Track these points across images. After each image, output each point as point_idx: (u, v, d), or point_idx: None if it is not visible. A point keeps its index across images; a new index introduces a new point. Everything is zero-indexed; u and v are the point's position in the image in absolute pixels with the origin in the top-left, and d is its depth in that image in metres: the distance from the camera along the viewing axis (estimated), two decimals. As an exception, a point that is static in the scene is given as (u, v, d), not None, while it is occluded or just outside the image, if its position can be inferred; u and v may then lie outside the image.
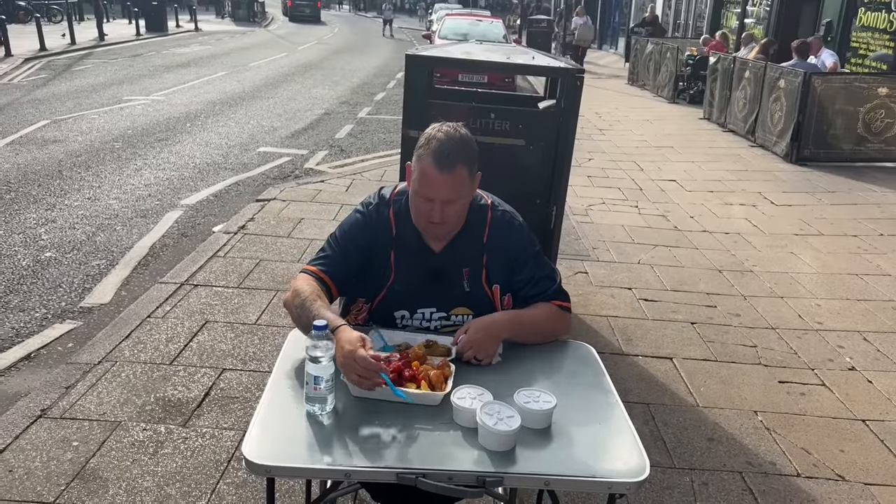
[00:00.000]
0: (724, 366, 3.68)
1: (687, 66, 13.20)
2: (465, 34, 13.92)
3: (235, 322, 3.86)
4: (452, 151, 1.84)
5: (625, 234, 5.67)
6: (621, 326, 4.06)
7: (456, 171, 1.84)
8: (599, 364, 1.98)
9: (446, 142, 1.85)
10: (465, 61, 3.66)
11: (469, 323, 1.93)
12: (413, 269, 1.97)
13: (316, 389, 1.63)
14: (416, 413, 1.66)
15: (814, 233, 5.92)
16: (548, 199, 3.65)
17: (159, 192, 6.50)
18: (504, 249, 2.01)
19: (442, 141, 1.85)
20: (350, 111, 11.33)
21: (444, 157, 1.83)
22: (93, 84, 12.71)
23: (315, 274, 1.95)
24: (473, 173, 1.91)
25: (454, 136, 1.87)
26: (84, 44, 18.91)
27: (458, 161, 1.84)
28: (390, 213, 1.99)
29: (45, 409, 2.97)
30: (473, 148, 1.91)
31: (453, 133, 1.88)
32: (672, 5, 20.68)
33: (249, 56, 19.00)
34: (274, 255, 4.84)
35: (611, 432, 1.70)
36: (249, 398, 3.14)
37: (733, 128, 10.16)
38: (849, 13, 11.43)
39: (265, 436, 1.59)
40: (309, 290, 1.88)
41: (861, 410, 3.33)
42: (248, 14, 35.35)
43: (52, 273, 4.63)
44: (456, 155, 1.84)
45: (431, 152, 1.84)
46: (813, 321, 4.25)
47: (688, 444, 3.01)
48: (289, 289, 1.96)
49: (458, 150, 1.85)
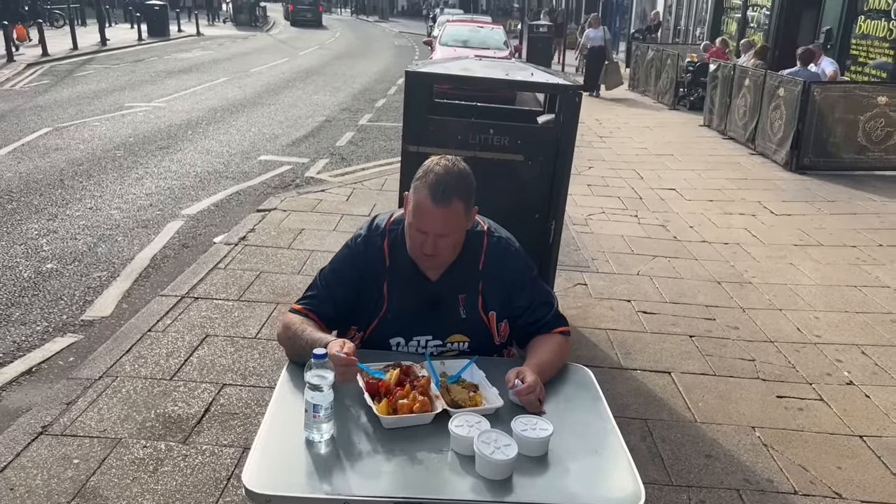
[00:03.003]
0: (723, 380, 3.70)
1: (687, 72, 13.23)
2: (465, 40, 13.96)
3: (236, 336, 3.88)
4: (449, 186, 1.85)
5: (624, 245, 5.69)
6: (620, 340, 4.07)
7: (452, 206, 1.86)
8: (597, 388, 2.00)
9: (444, 176, 1.86)
10: (464, 78, 3.67)
11: (517, 369, 1.85)
12: (408, 298, 1.99)
13: (315, 417, 1.65)
14: (415, 441, 1.67)
15: (813, 243, 5.93)
16: (547, 214, 3.66)
17: (160, 201, 6.53)
18: (500, 276, 2.02)
19: (440, 175, 1.86)
20: (351, 118, 11.36)
21: (441, 191, 1.84)
22: (95, 90, 12.75)
23: (303, 314, 2.00)
24: (469, 208, 1.92)
25: (452, 170, 1.89)
26: (86, 49, 18.96)
27: (455, 196, 1.86)
28: (384, 243, 2.01)
29: (46, 426, 2.99)
30: (471, 183, 1.92)
31: (451, 167, 1.89)
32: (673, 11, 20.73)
33: (251, 61, 19.05)
34: (274, 267, 4.86)
35: (607, 460, 1.71)
36: (249, 414, 3.15)
37: (733, 135, 10.18)
38: (848, 21, 11.44)
39: (265, 463, 1.61)
40: (298, 320, 1.94)
41: (859, 426, 3.34)
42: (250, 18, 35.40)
43: (53, 285, 4.65)
44: (452, 189, 1.86)
45: (428, 185, 1.86)
46: (811, 334, 4.26)
47: (685, 460, 3.02)
48: (280, 326, 2.01)
49: (456, 184, 1.87)
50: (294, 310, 2.02)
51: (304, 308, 2.01)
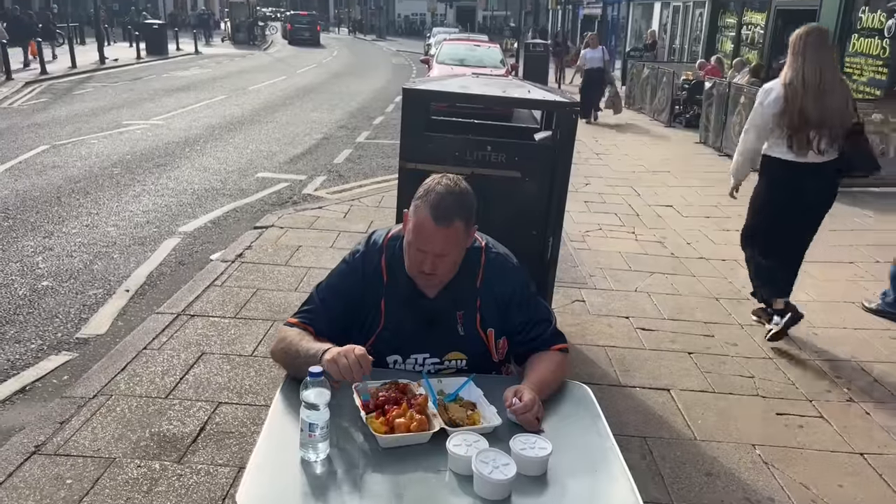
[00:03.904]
0: (722, 397, 3.67)
1: (683, 90, 13.31)
2: (462, 59, 14.04)
3: (232, 354, 3.85)
4: (450, 206, 1.84)
5: (622, 261, 5.68)
6: (619, 357, 4.05)
7: (452, 226, 1.85)
8: (596, 406, 1.98)
9: (445, 195, 1.85)
10: (461, 95, 3.68)
11: (515, 388, 1.84)
12: (406, 315, 1.98)
13: (311, 436, 1.63)
14: (412, 460, 1.65)
15: (810, 259, 5.92)
16: (544, 230, 3.66)
17: (157, 218, 6.52)
18: (498, 292, 2.01)
19: (441, 195, 1.85)
20: (349, 135, 11.40)
21: (442, 211, 1.83)
22: (93, 108, 12.79)
23: (299, 327, 1.98)
24: (469, 227, 1.91)
25: (454, 190, 1.88)
26: (85, 67, 19.06)
27: (456, 217, 1.85)
28: (382, 260, 2.00)
29: (39, 445, 2.95)
30: (472, 202, 1.91)
31: (453, 187, 1.88)
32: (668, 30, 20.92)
33: (249, 79, 19.15)
34: (271, 284, 4.84)
35: (606, 479, 1.69)
36: (245, 433, 3.12)
37: (729, 152, 10.21)
38: (842, 39, 11.55)
39: (260, 483, 1.59)
40: (295, 333, 1.91)
41: (860, 443, 3.31)
42: (248, 37, 35.69)
43: (48, 303, 4.63)
44: (454, 210, 1.85)
45: (429, 205, 1.85)
46: (810, 351, 4.25)
47: (686, 478, 2.99)
48: (275, 340, 1.99)
49: (457, 205, 1.86)
50: (290, 323, 2.00)
51: (300, 322, 1.99)
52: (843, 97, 3.98)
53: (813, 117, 3.87)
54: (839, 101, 3.93)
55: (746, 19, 15.84)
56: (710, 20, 17.70)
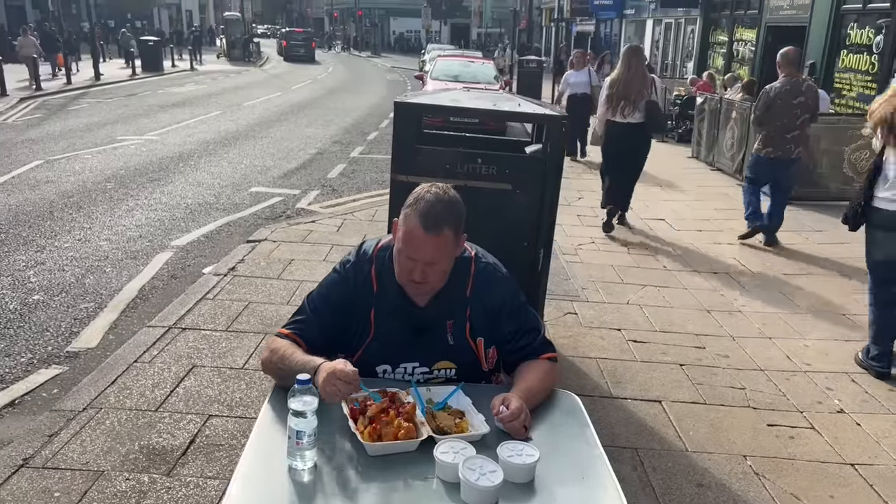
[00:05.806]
0: (713, 409, 3.68)
1: (675, 105, 13.42)
2: (456, 75, 14.10)
3: (223, 366, 3.84)
4: (440, 214, 1.86)
5: (614, 274, 5.70)
6: (610, 368, 4.06)
7: (442, 234, 1.86)
8: (584, 415, 1.98)
9: (435, 204, 1.87)
10: (452, 108, 3.71)
11: (502, 396, 1.83)
12: (396, 325, 1.98)
13: (298, 444, 1.63)
14: (400, 468, 1.65)
15: (802, 272, 5.96)
16: (535, 242, 3.67)
17: (150, 233, 6.51)
18: (487, 302, 2.02)
19: (431, 203, 1.87)
20: (343, 150, 11.43)
21: (431, 219, 1.85)
22: (87, 124, 12.81)
23: (290, 338, 1.98)
24: (459, 235, 1.93)
25: (443, 198, 1.89)
26: (80, 83, 19.11)
27: (445, 224, 1.86)
28: (372, 270, 2.01)
29: (27, 459, 2.93)
30: (461, 211, 1.93)
31: (442, 195, 1.90)
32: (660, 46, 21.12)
33: (244, 95, 19.22)
34: (263, 298, 4.84)
35: (594, 486, 1.69)
36: (235, 445, 3.11)
37: (721, 167, 10.29)
38: (832, 54, 11.69)
39: (247, 492, 1.59)
40: (286, 344, 1.91)
41: (850, 454, 3.32)
42: (244, 53, 35.84)
43: (39, 316, 4.61)
44: (443, 218, 1.86)
45: (419, 213, 1.86)
46: (801, 362, 4.26)
47: (677, 490, 2.99)
48: (265, 351, 1.98)
49: (446, 213, 1.87)
50: (281, 334, 2.00)
51: (291, 332, 1.99)
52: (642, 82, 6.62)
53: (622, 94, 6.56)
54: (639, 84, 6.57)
55: (737, 36, 16.01)
56: (701, 37, 17.89)
